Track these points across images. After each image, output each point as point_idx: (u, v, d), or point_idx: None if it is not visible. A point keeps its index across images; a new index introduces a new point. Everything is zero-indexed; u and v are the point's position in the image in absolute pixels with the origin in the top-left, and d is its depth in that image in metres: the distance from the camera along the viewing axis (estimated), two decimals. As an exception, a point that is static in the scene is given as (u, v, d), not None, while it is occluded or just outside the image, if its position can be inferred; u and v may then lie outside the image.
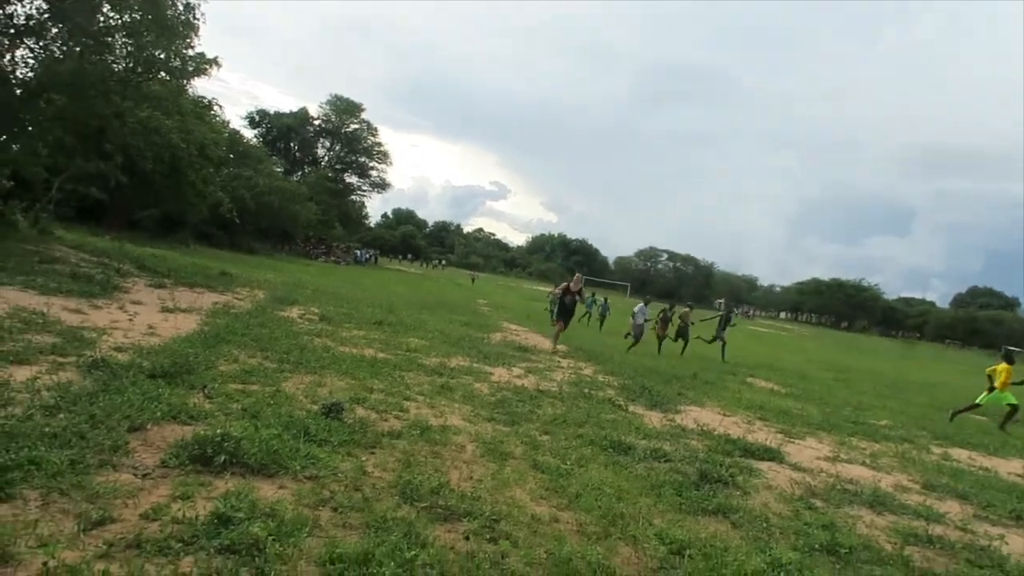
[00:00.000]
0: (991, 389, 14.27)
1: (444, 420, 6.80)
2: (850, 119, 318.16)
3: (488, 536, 4.00)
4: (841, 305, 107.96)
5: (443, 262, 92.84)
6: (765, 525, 5.07)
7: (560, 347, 15.56)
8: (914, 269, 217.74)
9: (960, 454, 9.78)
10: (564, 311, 15.87)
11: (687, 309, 21.19)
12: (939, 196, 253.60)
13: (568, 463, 5.87)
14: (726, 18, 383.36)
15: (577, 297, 15.75)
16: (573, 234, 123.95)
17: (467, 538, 3.91)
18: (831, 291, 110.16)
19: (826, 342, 45.85)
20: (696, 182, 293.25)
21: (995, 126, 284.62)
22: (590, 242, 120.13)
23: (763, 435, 8.80)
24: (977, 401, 14.12)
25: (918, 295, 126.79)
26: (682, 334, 20.17)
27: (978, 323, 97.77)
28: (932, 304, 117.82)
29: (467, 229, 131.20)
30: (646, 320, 19.28)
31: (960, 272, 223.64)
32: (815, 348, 35.98)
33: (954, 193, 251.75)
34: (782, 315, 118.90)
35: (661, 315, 19.91)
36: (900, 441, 10.03)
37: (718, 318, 21.07)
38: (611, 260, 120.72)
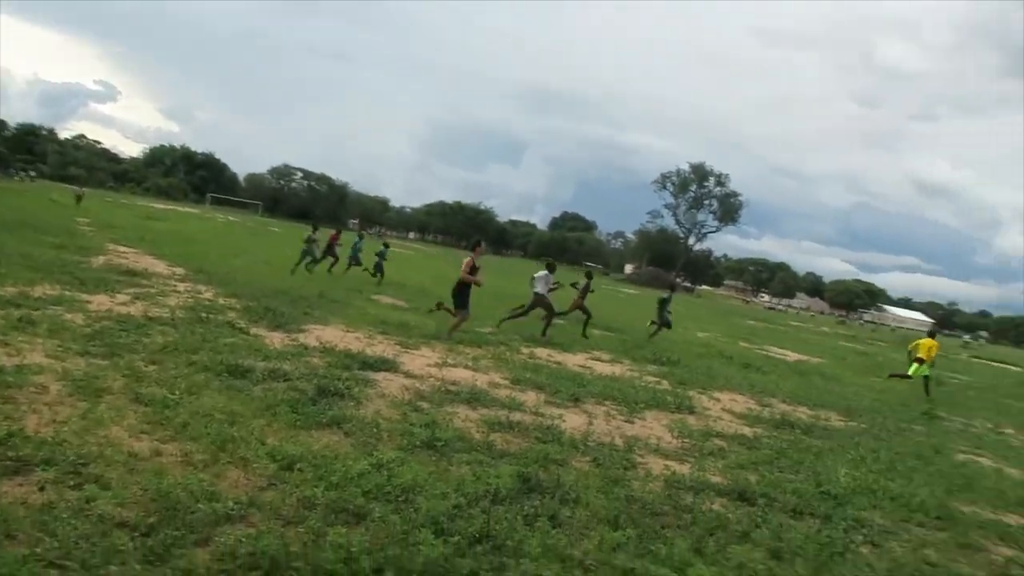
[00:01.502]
0: (919, 361, 16.05)
1: (21, 359, 5.82)
2: (480, 53, 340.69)
3: (72, 483, 3.62)
4: (463, 226, 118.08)
5: (32, 174, 75.76)
6: (375, 430, 5.51)
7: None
8: (523, 195, 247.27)
9: (542, 353, 11.72)
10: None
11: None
12: (544, 132, 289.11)
13: (177, 393, 5.55)
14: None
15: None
16: (198, 146, 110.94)
17: (42, 488, 3.49)
18: (454, 213, 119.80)
19: (448, 260, 49.97)
20: (334, 100, 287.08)
21: (593, 75, 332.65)
22: (218, 156, 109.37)
23: (382, 348, 9.41)
24: (909, 373, 16.07)
25: (524, 218, 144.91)
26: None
27: (567, 242, 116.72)
28: (534, 226, 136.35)
29: (64, 135, 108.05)
30: (550, 289, 15.18)
31: (557, 199, 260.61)
32: (438, 266, 38.88)
33: (556, 130, 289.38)
34: (411, 235, 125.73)
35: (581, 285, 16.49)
36: (498, 345, 11.61)
37: (659, 301, 18.62)
38: (241, 177, 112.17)
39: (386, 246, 22.25)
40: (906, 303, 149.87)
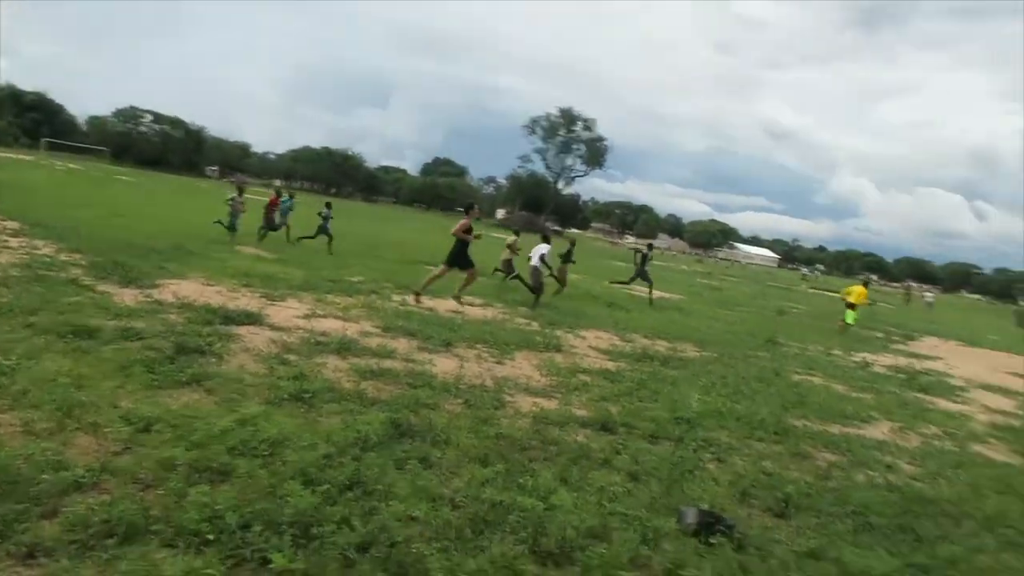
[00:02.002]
0: (851, 307, 17.63)
1: None
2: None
3: None
4: (331, 173, 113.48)
5: None
6: (239, 386, 5.35)
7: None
8: (393, 140, 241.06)
9: (414, 300, 11.69)
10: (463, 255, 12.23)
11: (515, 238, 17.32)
12: (414, 74, 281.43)
13: (13, 358, 5.11)
14: None
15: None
16: (27, 85, 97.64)
17: None
18: (322, 159, 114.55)
19: (317, 207, 48.33)
20: (186, 36, 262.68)
21: (463, 15, 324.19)
22: (51, 96, 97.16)
23: (245, 301, 9.04)
24: (848, 321, 17.60)
25: (395, 164, 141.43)
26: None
27: (438, 188, 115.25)
28: (405, 172, 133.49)
29: None
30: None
31: (428, 144, 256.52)
32: (306, 215, 37.52)
33: (426, 72, 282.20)
34: (277, 183, 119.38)
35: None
36: (368, 293, 11.47)
37: (639, 258, 18.72)
38: (82, 120, 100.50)
39: (328, 206, 20.14)
40: (755, 241, 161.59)
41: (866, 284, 19.27)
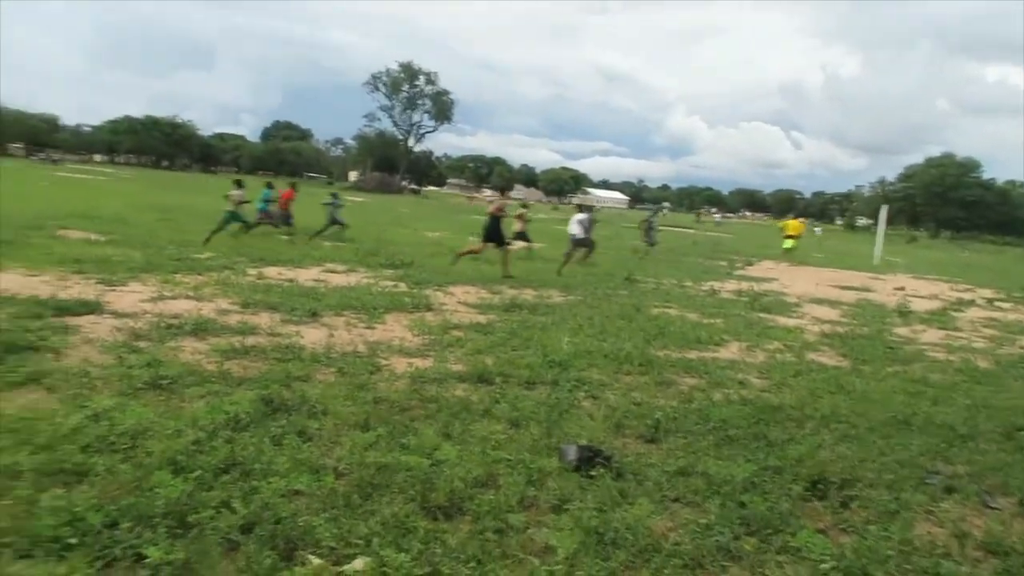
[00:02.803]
0: (790, 237, 23.13)
1: None
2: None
3: None
4: (160, 144, 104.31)
5: None
6: (86, 379, 4.91)
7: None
8: (224, 105, 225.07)
9: (271, 271, 11.19)
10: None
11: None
12: (235, 31, 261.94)
13: None
14: None
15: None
16: None
17: None
18: (147, 129, 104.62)
19: (148, 183, 44.47)
20: None
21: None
22: None
23: (79, 289, 8.25)
24: (785, 247, 22.83)
25: (231, 130, 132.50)
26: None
27: (283, 154, 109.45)
28: (243, 138, 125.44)
29: None
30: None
31: (265, 107, 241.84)
32: (136, 190, 34.43)
33: (247, 28, 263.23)
34: (96, 157, 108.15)
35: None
36: (221, 270, 10.82)
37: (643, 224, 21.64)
38: None
39: (335, 195, 18.62)
40: (605, 185, 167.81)
41: (797, 217, 29.58)
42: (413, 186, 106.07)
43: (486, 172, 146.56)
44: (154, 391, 4.83)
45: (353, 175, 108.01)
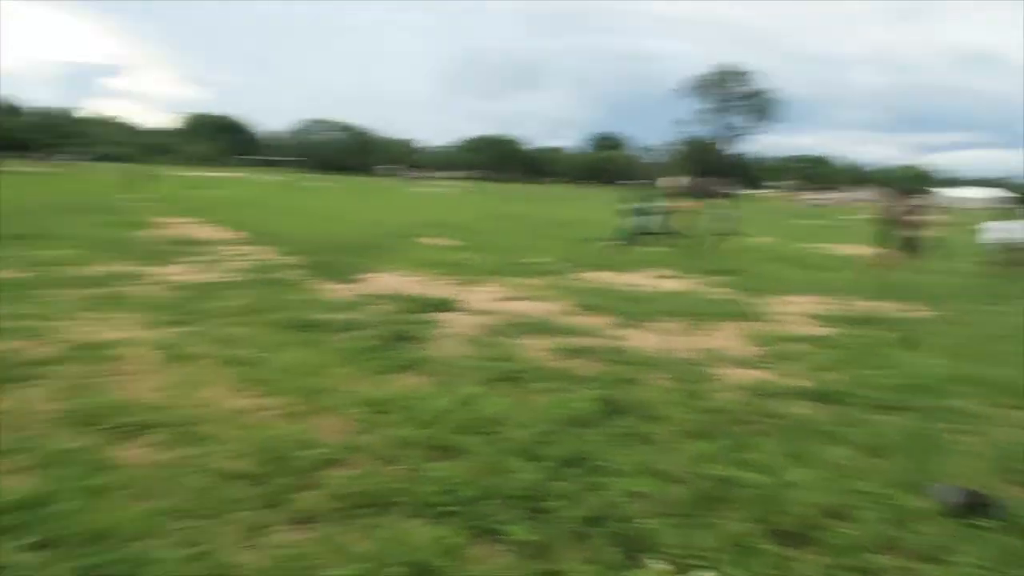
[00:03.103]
0: None
1: (119, 332, 6.18)
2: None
3: (184, 442, 3.84)
4: (494, 159, 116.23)
5: (74, 157, 76.73)
6: (453, 368, 5.62)
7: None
8: (551, 120, 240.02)
9: (602, 276, 11.64)
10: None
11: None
12: (565, 52, 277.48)
13: (261, 352, 5.76)
14: None
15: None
16: (223, 109, 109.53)
17: (159, 448, 3.71)
18: (487, 147, 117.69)
19: (488, 195, 49.82)
20: (334, 43, 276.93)
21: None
22: (236, 117, 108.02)
23: (443, 289, 9.51)
24: None
25: (557, 144, 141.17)
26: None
27: (605, 162, 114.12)
28: (560, 150, 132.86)
29: (81, 114, 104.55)
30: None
31: (585, 120, 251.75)
32: (479, 201, 38.71)
33: (573, 48, 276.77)
34: (436, 174, 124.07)
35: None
36: (557, 274, 11.58)
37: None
38: (262, 134, 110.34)
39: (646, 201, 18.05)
40: (970, 183, 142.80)
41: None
42: (739, 190, 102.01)
43: (813, 172, 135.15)
44: (507, 382, 5.33)
45: (664, 181, 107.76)
